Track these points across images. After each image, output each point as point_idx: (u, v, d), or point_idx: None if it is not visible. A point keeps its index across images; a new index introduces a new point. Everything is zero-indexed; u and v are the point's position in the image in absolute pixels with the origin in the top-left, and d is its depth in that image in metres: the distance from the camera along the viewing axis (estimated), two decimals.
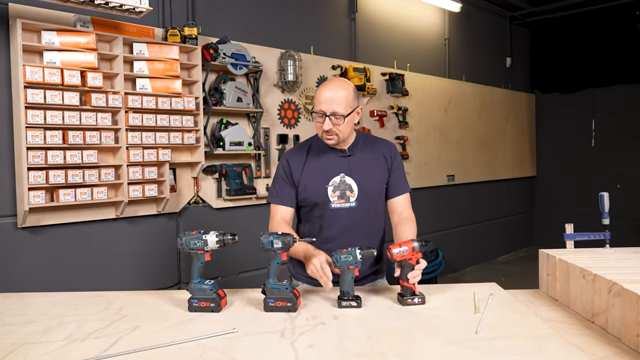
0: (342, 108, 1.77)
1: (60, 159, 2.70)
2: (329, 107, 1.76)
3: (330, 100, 1.76)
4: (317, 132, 1.89)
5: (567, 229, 1.92)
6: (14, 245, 2.75)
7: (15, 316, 1.55)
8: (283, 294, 1.55)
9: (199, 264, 1.59)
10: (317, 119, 1.80)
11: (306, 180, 1.88)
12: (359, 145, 1.93)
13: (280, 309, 1.55)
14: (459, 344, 1.28)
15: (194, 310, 1.56)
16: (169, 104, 3.11)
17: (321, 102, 1.77)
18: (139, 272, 3.23)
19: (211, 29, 3.55)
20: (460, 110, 5.94)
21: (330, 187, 1.86)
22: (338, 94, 1.77)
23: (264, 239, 1.58)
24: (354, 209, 1.87)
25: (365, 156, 1.92)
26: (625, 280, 1.38)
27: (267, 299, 1.56)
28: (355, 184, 1.87)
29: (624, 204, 5.25)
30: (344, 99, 1.77)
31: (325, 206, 1.87)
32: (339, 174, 1.87)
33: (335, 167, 1.88)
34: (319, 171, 1.88)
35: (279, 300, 1.55)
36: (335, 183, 1.86)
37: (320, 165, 1.89)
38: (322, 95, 1.78)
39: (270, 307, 1.55)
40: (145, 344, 1.30)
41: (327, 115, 1.77)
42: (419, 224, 1.91)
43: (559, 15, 6.54)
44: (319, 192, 1.86)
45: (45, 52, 2.69)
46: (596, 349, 1.32)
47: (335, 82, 1.84)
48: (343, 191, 1.86)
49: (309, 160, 1.91)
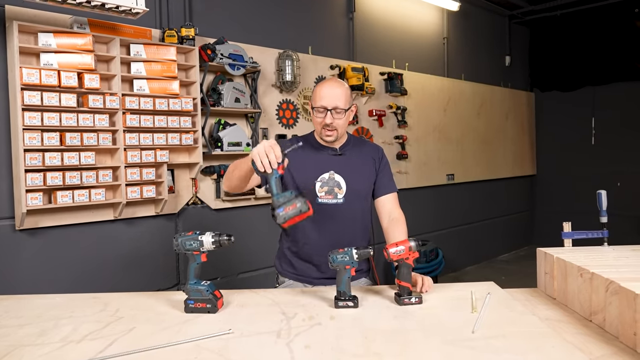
0: (343, 103, 1.84)
1: (58, 161, 2.69)
2: (330, 101, 1.83)
3: (331, 95, 1.83)
4: (315, 129, 1.94)
5: (565, 227, 1.91)
6: (11, 247, 2.75)
7: (11, 318, 1.55)
8: (291, 200, 1.51)
9: (195, 264, 1.58)
10: (318, 115, 1.86)
11: (295, 173, 1.91)
12: (349, 145, 1.98)
13: (293, 214, 1.51)
14: (455, 343, 1.27)
15: (190, 311, 1.55)
16: (166, 105, 3.11)
17: (323, 98, 1.84)
18: (137, 273, 3.23)
19: (208, 30, 3.55)
20: (459, 109, 5.93)
21: (318, 183, 1.89)
22: (338, 89, 1.85)
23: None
24: (341, 205, 1.89)
25: (355, 156, 1.96)
26: (623, 278, 1.38)
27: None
28: (344, 182, 1.90)
29: (624, 202, 5.26)
30: (343, 94, 1.85)
31: (311, 200, 1.87)
32: (329, 171, 1.91)
33: (325, 164, 1.92)
34: (309, 166, 1.91)
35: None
36: (324, 179, 1.90)
37: (311, 160, 1.93)
38: (323, 92, 1.85)
39: (283, 217, 1.50)
40: (140, 345, 1.29)
41: (328, 110, 1.82)
42: (418, 223, 1.92)
43: (558, 13, 6.54)
44: (306, 186, 1.88)
45: (42, 54, 2.69)
46: (594, 347, 1.31)
47: (333, 80, 1.92)
48: (331, 187, 1.89)
49: (300, 154, 1.93)
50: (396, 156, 5.03)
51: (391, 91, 4.94)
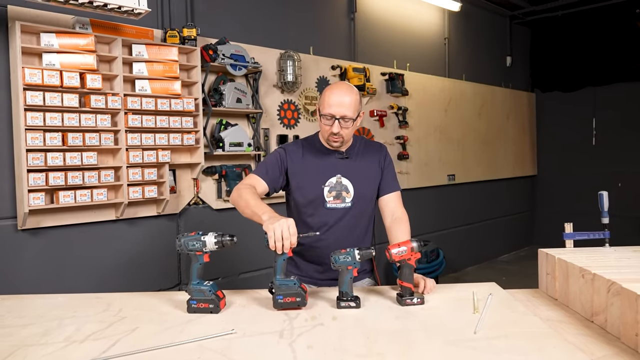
0: (351, 112, 1.80)
1: (60, 161, 2.70)
2: (339, 110, 1.78)
3: (340, 104, 1.79)
4: (321, 134, 1.91)
5: (566, 228, 1.92)
6: (13, 247, 2.76)
7: (14, 318, 1.55)
8: (291, 289, 1.55)
9: (198, 265, 1.59)
10: (325, 122, 1.82)
11: (302, 178, 1.90)
12: (355, 148, 1.96)
13: (290, 304, 1.55)
14: (457, 344, 1.28)
15: (192, 311, 1.56)
16: (168, 105, 3.12)
17: (331, 105, 1.79)
18: (139, 273, 3.23)
19: (210, 30, 3.56)
20: (460, 110, 5.93)
21: (326, 188, 1.88)
22: (348, 98, 1.80)
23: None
24: (349, 209, 1.89)
25: (361, 159, 1.95)
26: (624, 279, 1.38)
27: (277, 296, 1.56)
28: (352, 185, 1.89)
29: (624, 203, 5.25)
30: (353, 103, 1.80)
31: (319, 205, 1.88)
32: (336, 175, 1.89)
33: (332, 169, 1.90)
34: (316, 171, 1.90)
35: (288, 296, 1.55)
36: (332, 184, 1.88)
37: (318, 165, 1.91)
38: (332, 99, 1.79)
39: (280, 304, 1.55)
40: (144, 345, 1.30)
41: (336, 119, 1.79)
42: (419, 223, 1.92)
43: (559, 13, 6.54)
44: (314, 191, 1.88)
45: (45, 54, 2.69)
46: (595, 348, 1.32)
47: (343, 86, 1.85)
48: (339, 192, 1.88)
49: (306, 159, 1.93)
50: (397, 156, 5.03)
51: (392, 91, 4.94)
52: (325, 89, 1.86)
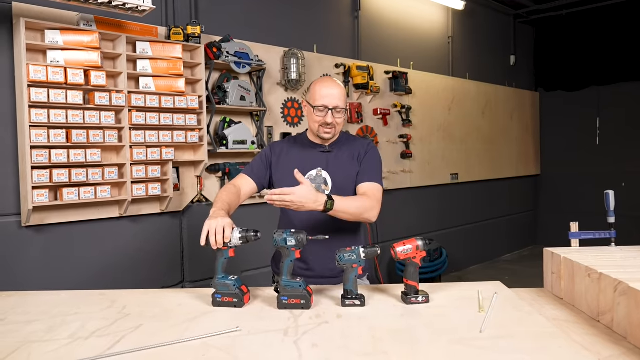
0: (342, 103, 1.90)
1: (64, 158, 2.70)
2: (331, 101, 1.87)
3: (332, 95, 1.88)
4: (312, 127, 1.96)
5: (572, 227, 1.91)
6: (17, 244, 2.76)
7: (18, 315, 1.55)
8: (296, 292, 1.55)
9: (223, 260, 1.62)
10: (318, 114, 1.89)
11: (283, 171, 1.93)
12: (339, 143, 2.00)
13: (294, 306, 1.55)
14: (463, 343, 1.27)
15: (217, 304, 1.59)
16: (172, 102, 3.11)
17: (324, 97, 1.87)
18: (142, 270, 3.23)
19: (214, 28, 3.55)
20: (464, 109, 5.92)
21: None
22: (337, 90, 1.90)
23: (277, 237, 1.60)
24: None
25: (344, 153, 1.97)
26: (631, 279, 1.37)
27: (281, 297, 1.57)
28: (330, 178, 1.92)
29: (629, 202, 5.24)
30: (342, 94, 1.91)
31: None
32: (316, 168, 1.93)
33: (313, 161, 1.94)
34: (297, 163, 1.89)
35: (293, 298, 1.56)
36: (312, 176, 1.92)
37: (300, 158, 1.95)
38: (324, 91, 1.88)
39: (284, 305, 1.56)
40: (148, 342, 1.29)
41: (329, 109, 1.87)
42: (422, 222, 1.93)
43: (564, 13, 6.52)
44: (293, 183, 1.85)
45: (49, 51, 2.70)
46: (601, 348, 1.31)
47: (331, 79, 1.96)
48: (318, 185, 1.91)
49: (290, 153, 1.99)
50: (400, 155, 5.02)
51: (396, 90, 4.93)
52: (314, 84, 1.95)
